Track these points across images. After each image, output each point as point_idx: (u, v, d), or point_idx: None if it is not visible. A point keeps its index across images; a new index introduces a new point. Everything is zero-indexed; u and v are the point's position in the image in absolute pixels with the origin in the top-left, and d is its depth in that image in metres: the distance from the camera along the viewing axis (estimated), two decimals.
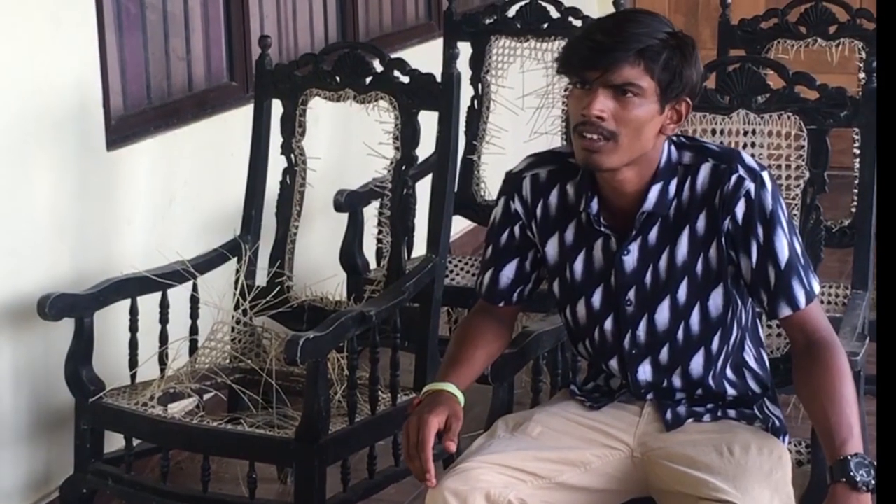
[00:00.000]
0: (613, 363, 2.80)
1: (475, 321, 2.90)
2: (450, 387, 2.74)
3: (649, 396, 2.81)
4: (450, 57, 3.70)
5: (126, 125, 3.94)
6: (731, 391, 2.80)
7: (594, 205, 2.71)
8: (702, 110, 3.36)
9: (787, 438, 2.82)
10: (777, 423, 2.81)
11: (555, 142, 4.45)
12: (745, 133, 3.35)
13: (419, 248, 3.82)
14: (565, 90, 4.36)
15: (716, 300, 2.71)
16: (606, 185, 2.69)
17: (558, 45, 4.49)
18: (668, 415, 2.79)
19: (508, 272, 2.85)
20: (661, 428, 2.79)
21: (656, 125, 2.62)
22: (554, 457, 2.75)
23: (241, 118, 4.20)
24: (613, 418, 2.83)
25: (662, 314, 2.73)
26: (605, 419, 2.83)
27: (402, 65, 3.66)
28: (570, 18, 4.48)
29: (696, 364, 2.75)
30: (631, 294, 2.73)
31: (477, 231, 5.48)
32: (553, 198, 2.78)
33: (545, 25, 4.51)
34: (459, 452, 2.84)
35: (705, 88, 3.35)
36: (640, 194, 2.67)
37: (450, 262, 4.38)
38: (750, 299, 2.75)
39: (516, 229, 2.83)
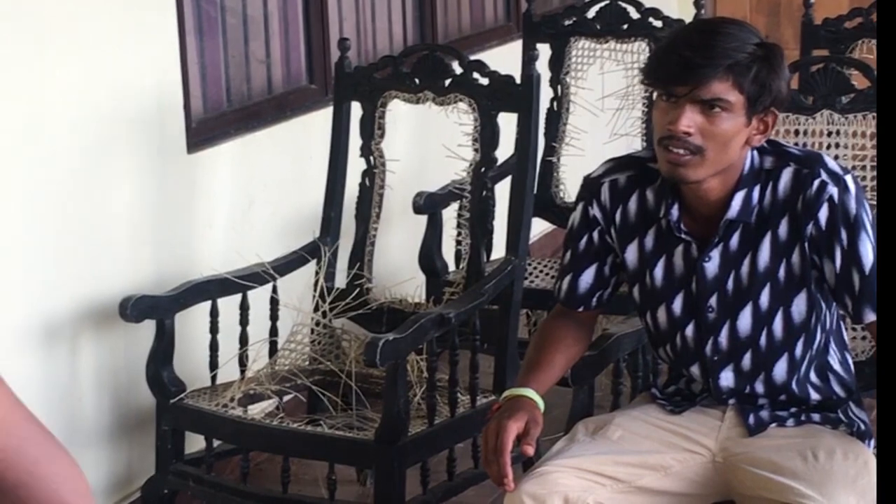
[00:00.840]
0: (695, 369, 2.78)
1: (554, 325, 2.89)
2: (529, 392, 2.73)
3: (731, 401, 2.78)
4: (529, 59, 3.68)
5: (206, 128, 3.96)
6: (814, 395, 2.76)
7: (675, 211, 2.68)
8: (785, 111, 3.32)
9: (872, 443, 2.78)
10: (862, 427, 2.77)
11: (635, 143, 4.43)
12: (829, 134, 3.30)
13: (498, 250, 3.81)
14: (645, 92, 4.34)
15: (799, 305, 2.68)
16: (690, 193, 2.66)
17: (638, 46, 4.47)
18: (751, 419, 2.76)
19: (587, 277, 2.83)
20: (744, 433, 2.76)
21: (743, 137, 2.59)
22: (634, 461, 2.74)
23: (320, 120, 4.21)
24: (695, 422, 2.80)
25: (745, 320, 2.70)
26: (687, 423, 2.80)
27: (481, 66, 3.65)
28: (651, 19, 4.46)
29: (780, 370, 2.72)
30: (713, 300, 2.71)
31: (556, 233, 5.46)
32: (632, 203, 2.76)
33: (625, 26, 4.48)
34: (539, 455, 2.83)
35: (790, 87, 3.31)
36: (722, 201, 2.65)
37: (529, 264, 4.36)
38: (834, 303, 2.71)
39: (595, 235, 2.81)
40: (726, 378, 2.75)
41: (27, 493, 1.41)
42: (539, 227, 5.02)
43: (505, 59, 4.60)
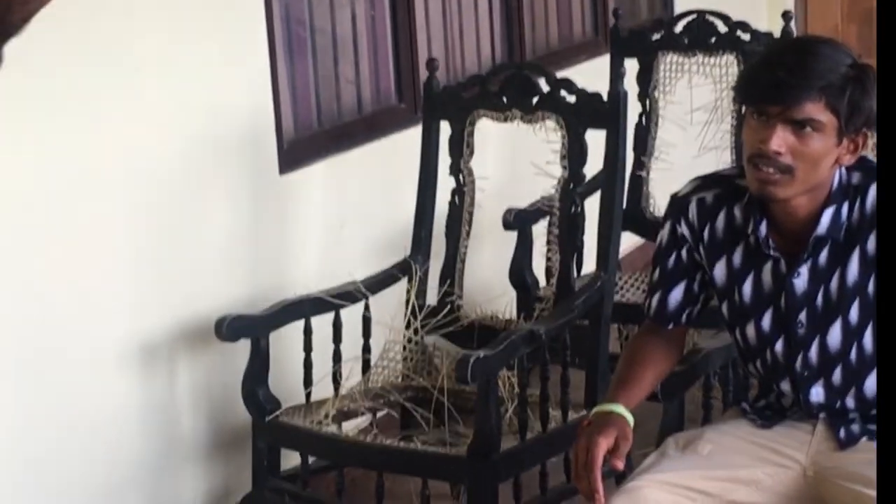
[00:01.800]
0: (785, 385, 2.78)
1: (644, 341, 2.91)
2: (619, 408, 2.74)
3: (822, 415, 2.79)
4: (616, 76, 3.71)
5: (298, 149, 4.02)
6: None
7: (763, 228, 2.69)
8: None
9: None
10: None
11: (724, 157, 4.43)
12: None
13: (588, 265, 3.83)
14: (734, 105, 4.34)
15: None
16: (778, 210, 2.67)
17: (726, 59, 4.47)
18: (842, 433, 2.76)
19: (677, 294, 2.85)
20: (835, 446, 2.76)
21: (833, 157, 2.60)
22: (724, 475, 2.75)
23: (409, 140, 4.25)
24: (785, 437, 2.81)
25: (834, 335, 2.70)
26: (777, 437, 2.81)
27: (568, 84, 3.67)
28: (739, 32, 4.46)
29: (871, 384, 2.72)
30: (802, 316, 2.71)
31: (646, 247, 5.45)
32: (720, 221, 2.77)
33: (713, 40, 4.48)
34: (630, 470, 2.85)
35: None
36: (811, 218, 2.66)
37: (619, 279, 4.37)
38: None
39: (683, 252, 2.83)
40: (817, 393, 2.75)
41: None
42: (629, 242, 5.03)
43: (593, 74, 4.61)
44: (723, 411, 3.11)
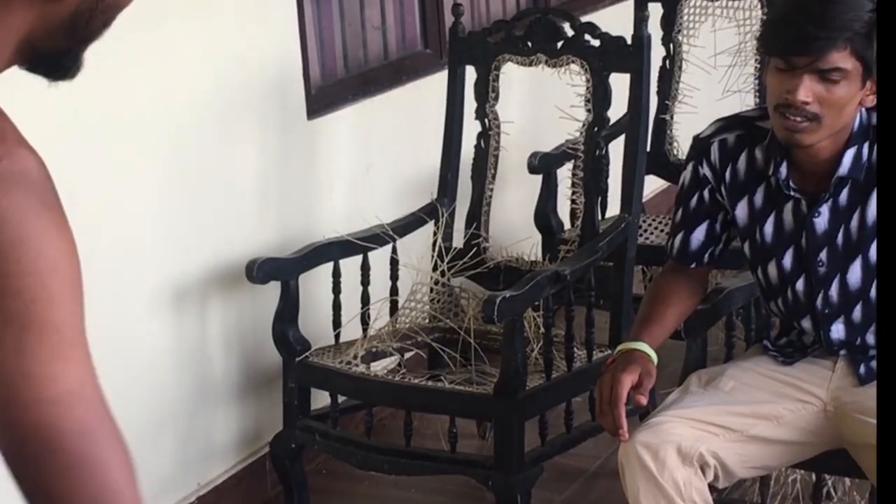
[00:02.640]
0: (806, 322, 2.83)
1: (667, 280, 2.95)
2: (642, 346, 2.80)
3: (842, 352, 2.83)
4: (640, 19, 3.73)
5: (325, 94, 4.05)
6: None
7: (783, 170, 2.73)
8: None
9: None
10: None
11: (747, 100, 4.45)
12: None
13: (613, 208, 3.87)
14: (757, 52, 4.35)
15: None
16: (800, 152, 2.71)
17: (750, 2, 4.47)
18: (862, 369, 2.81)
19: (699, 234, 2.90)
20: (855, 382, 2.81)
21: (857, 100, 2.64)
22: (746, 411, 2.80)
23: (435, 85, 4.29)
24: (806, 373, 2.86)
25: (855, 274, 2.75)
26: (798, 374, 2.86)
27: (592, 28, 3.71)
28: None
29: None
30: (823, 255, 2.75)
31: (670, 190, 5.47)
32: (741, 162, 2.81)
33: None
34: (654, 407, 2.91)
35: None
36: (833, 158, 2.69)
37: (643, 221, 4.41)
38: None
39: (706, 193, 2.87)
40: (837, 330, 2.80)
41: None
42: (653, 185, 5.06)
43: (617, 18, 4.64)
44: (745, 349, 3.16)
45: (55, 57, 1.34)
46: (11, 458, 1.23)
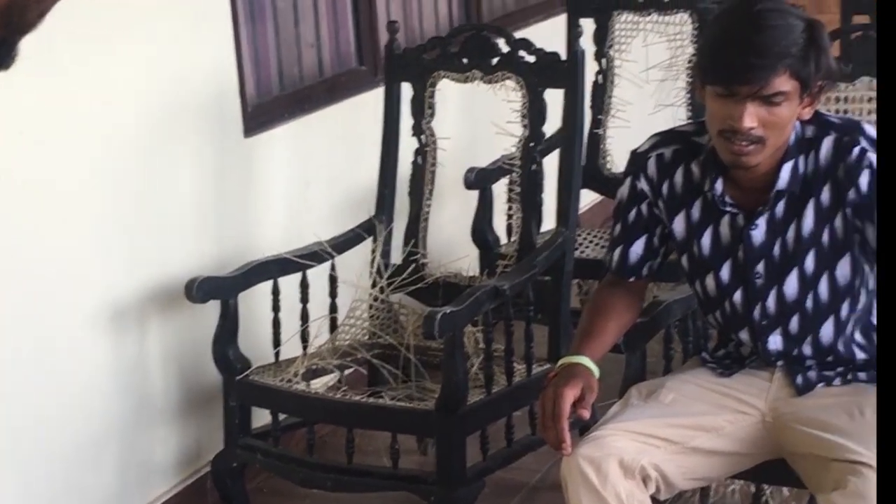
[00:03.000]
0: (744, 334, 2.87)
1: (606, 294, 2.98)
2: (584, 359, 2.82)
3: (779, 363, 2.87)
4: (574, 35, 3.76)
5: (261, 112, 4.06)
6: (860, 355, 2.85)
7: (719, 185, 2.77)
8: (835, 77, 3.39)
9: None
10: None
11: (679, 113, 4.50)
12: (869, 100, 3.37)
13: (548, 222, 3.90)
14: (689, 62, 4.40)
15: (843, 269, 2.76)
16: (741, 170, 2.74)
17: (680, 17, 4.52)
18: (799, 380, 2.85)
19: (637, 248, 2.93)
20: (793, 393, 2.84)
21: (796, 115, 2.68)
22: (686, 423, 2.83)
23: (370, 101, 4.30)
24: (744, 384, 2.89)
25: (791, 285, 2.79)
26: (737, 385, 2.89)
27: (527, 44, 3.73)
28: None
29: (826, 332, 2.81)
30: (760, 267, 2.79)
31: (604, 203, 5.53)
32: (678, 177, 2.84)
33: None
34: (595, 420, 2.93)
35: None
36: (770, 173, 2.73)
37: (578, 235, 4.44)
38: (876, 264, 2.79)
39: (643, 207, 2.90)
40: (774, 342, 2.84)
41: None
42: (587, 198, 5.10)
43: (549, 34, 4.68)
44: (682, 361, 3.20)
45: None
46: None
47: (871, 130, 2.71)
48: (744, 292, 2.83)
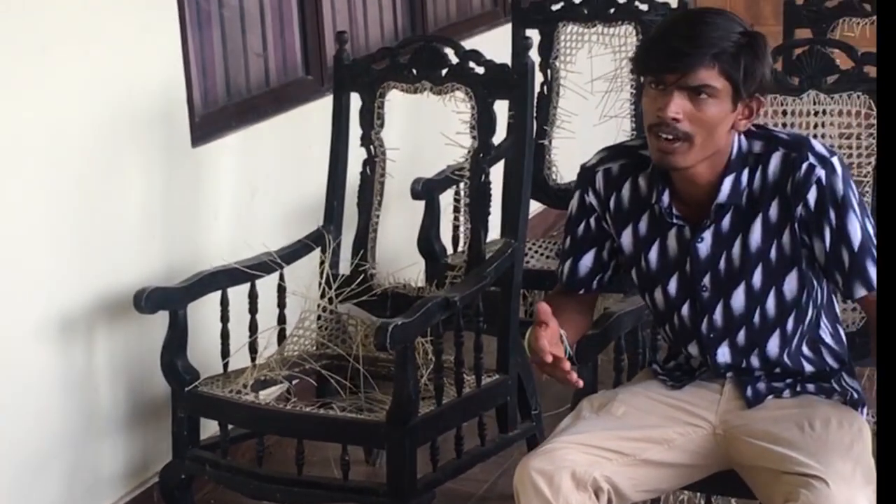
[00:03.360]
0: (693, 347, 2.89)
1: (558, 300, 2.98)
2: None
3: (729, 375, 2.90)
4: (523, 47, 3.77)
5: (209, 122, 4.04)
6: (808, 367, 2.88)
7: (665, 198, 2.80)
8: (771, 92, 3.42)
9: (865, 410, 2.89)
10: (855, 395, 2.88)
11: (624, 125, 4.53)
12: (816, 113, 3.40)
13: (492, 232, 3.91)
14: (633, 75, 4.43)
15: (790, 284, 2.79)
16: (679, 178, 2.78)
17: (625, 29, 4.56)
18: (749, 392, 2.87)
19: (587, 262, 2.95)
20: (743, 405, 2.87)
21: (729, 122, 2.70)
22: (638, 435, 2.84)
23: (318, 111, 4.30)
24: (695, 396, 2.91)
25: (738, 299, 2.81)
26: (687, 398, 2.91)
27: (476, 56, 3.74)
28: (637, 3, 4.55)
29: (773, 345, 2.84)
30: (706, 280, 2.82)
31: (546, 214, 5.57)
32: (625, 191, 2.87)
33: (612, 10, 4.58)
34: (545, 434, 2.93)
35: (774, 71, 3.42)
36: (712, 185, 2.76)
37: None
38: (825, 279, 2.82)
39: (592, 221, 2.93)
40: (723, 354, 2.86)
41: None
42: (531, 208, 5.10)
43: (493, 44, 4.68)
44: (629, 373, 3.21)
45: None
46: None
47: (819, 146, 2.75)
48: (691, 305, 2.85)
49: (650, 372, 3.03)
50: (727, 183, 2.74)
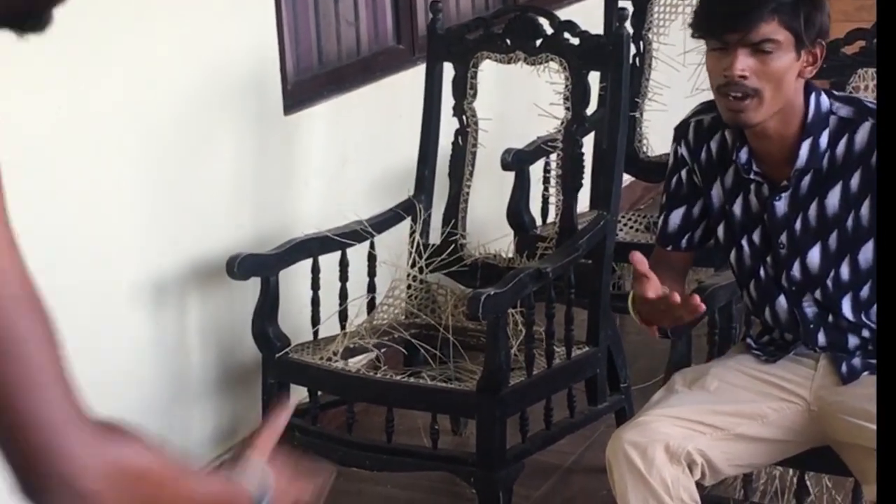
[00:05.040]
0: (781, 300, 2.87)
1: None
2: None
3: (821, 341, 2.86)
4: (619, 17, 3.75)
5: (301, 90, 4.05)
6: None
7: (743, 154, 2.80)
8: (872, 66, 3.38)
9: None
10: None
11: None
12: None
13: (581, 204, 3.89)
14: (693, 38, 4.38)
15: (866, 254, 2.78)
16: (753, 136, 2.78)
17: None
18: (844, 368, 2.85)
19: (676, 217, 2.96)
20: (838, 381, 2.85)
21: (794, 72, 2.69)
22: (731, 410, 2.83)
23: (408, 81, 4.30)
24: (789, 372, 2.89)
25: (814, 258, 2.81)
26: (781, 373, 2.89)
27: (572, 26, 3.72)
28: None
29: (846, 308, 2.82)
30: (783, 237, 2.82)
31: (635, 186, 5.53)
32: (714, 143, 2.88)
33: None
34: (634, 407, 2.92)
35: (875, 44, 3.37)
36: (789, 145, 2.74)
37: None
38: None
39: (683, 174, 2.94)
40: (809, 306, 2.85)
41: None
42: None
43: (585, 15, 4.65)
44: (720, 348, 3.19)
45: (15, 19, 1.31)
46: None
47: None
48: (773, 259, 2.84)
49: (744, 346, 3.01)
50: (805, 147, 2.73)
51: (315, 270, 3.67)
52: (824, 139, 2.73)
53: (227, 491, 1.39)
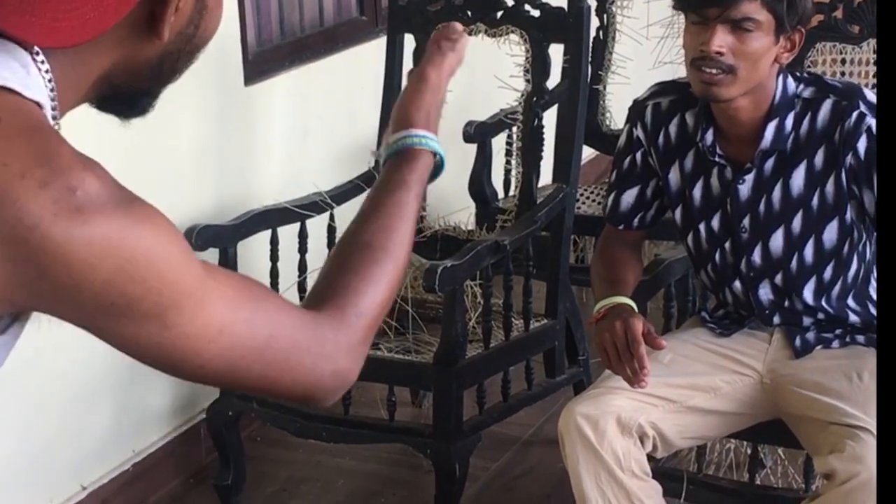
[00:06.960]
0: (737, 284, 2.88)
1: (612, 247, 2.98)
2: (624, 299, 2.79)
3: (776, 321, 2.88)
4: None
5: (262, 60, 4.03)
6: (853, 318, 2.86)
7: (709, 136, 2.79)
8: (831, 40, 3.38)
9: None
10: None
11: (679, 71, 4.42)
12: (875, 63, 3.36)
13: (544, 177, 3.89)
14: (673, 10, 4.39)
15: (830, 233, 2.78)
16: (722, 115, 2.76)
17: None
18: (797, 341, 2.86)
19: (629, 197, 2.95)
20: (791, 355, 2.86)
21: (771, 56, 2.69)
22: (684, 382, 2.84)
23: (371, 52, 4.28)
24: (743, 345, 2.91)
25: (776, 242, 2.81)
26: (735, 346, 2.91)
27: None
28: None
29: (808, 291, 2.83)
30: (745, 221, 2.81)
31: (599, 160, 5.53)
32: (673, 126, 2.87)
33: None
34: (592, 379, 2.93)
35: (834, 18, 3.38)
36: (755, 127, 2.74)
37: None
38: (875, 233, 2.80)
39: (638, 156, 2.92)
40: (765, 293, 2.85)
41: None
42: (584, 154, 5.08)
43: None
44: (679, 321, 3.20)
45: (134, 96, 1.39)
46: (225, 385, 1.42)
47: (871, 95, 2.72)
48: (732, 244, 2.84)
49: (699, 320, 3.02)
50: (770, 128, 2.73)
51: (274, 242, 3.66)
52: (790, 121, 2.73)
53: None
